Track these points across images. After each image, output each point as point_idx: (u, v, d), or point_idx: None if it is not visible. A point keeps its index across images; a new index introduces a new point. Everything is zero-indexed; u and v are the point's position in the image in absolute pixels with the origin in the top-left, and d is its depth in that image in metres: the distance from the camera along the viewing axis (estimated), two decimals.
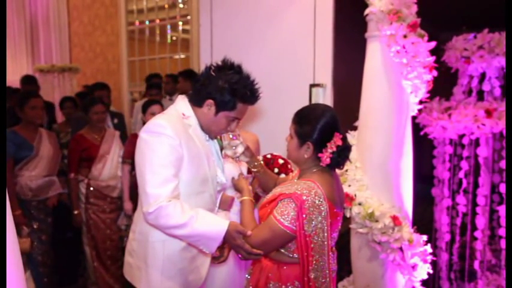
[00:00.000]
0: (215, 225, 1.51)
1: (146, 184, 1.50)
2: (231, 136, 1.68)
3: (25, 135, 2.90)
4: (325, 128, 1.48)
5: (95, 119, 3.12)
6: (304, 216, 1.41)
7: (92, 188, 3.09)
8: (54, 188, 3.05)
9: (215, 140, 1.75)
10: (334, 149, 1.47)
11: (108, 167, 3.10)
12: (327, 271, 1.47)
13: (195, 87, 1.64)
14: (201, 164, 1.61)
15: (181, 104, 1.65)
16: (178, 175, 1.54)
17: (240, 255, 1.53)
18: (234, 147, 1.69)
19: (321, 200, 1.43)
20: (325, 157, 1.48)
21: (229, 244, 1.56)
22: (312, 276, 1.45)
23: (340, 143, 1.48)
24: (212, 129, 1.65)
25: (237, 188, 1.76)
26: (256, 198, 2.20)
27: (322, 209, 1.43)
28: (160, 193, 1.48)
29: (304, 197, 1.42)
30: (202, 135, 1.66)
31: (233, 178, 1.77)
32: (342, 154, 1.50)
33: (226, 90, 1.55)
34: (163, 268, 1.64)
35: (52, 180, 3.04)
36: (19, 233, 2.69)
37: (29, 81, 4.70)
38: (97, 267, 3.13)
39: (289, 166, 2.41)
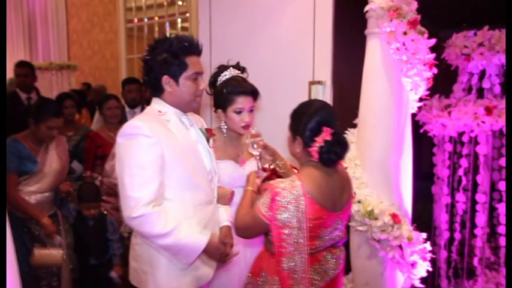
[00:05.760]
0: (197, 236, 1.56)
1: (126, 187, 1.47)
2: (253, 132, 1.75)
3: (29, 147, 2.50)
4: (311, 123, 1.49)
5: (108, 115, 3.12)
6: (276, 207, 1.45)
7: (105, 186, 3.07)
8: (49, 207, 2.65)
9: (196, 128, 1.73)
10: (322, 144, 1.47)
11: None
12: (305, 268, 1.49)
13: (145, 82, 1.65)
14: (186, 157, 1.61)
15: (156, 101, 1.66)
16: (160, 174, 1.51)
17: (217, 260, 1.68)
18: (253, 144, 1.74)
19: (299, 194, 1.44)
20: (313, 152, 1.49)
21: (209, 255, 1.64)
22: (284, 267, 1.48)
23: (328, 137, 1.47)
24: (187, 99, 1.64)
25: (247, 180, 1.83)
26: None
27: (300, 203, 1.44)
28: (141, 196, 1.45)
29: (279, 190, 1.45)
30: (182, 126, 1.65)
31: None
32: (332, 149, 1.47)
33: (169, 58, 1.56)
34: (169, 268, 1.63)
35: (52, 196, 2.68)
36: (50, 243, 2.49)
37: (22, 65, 4.16)
38: None
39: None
